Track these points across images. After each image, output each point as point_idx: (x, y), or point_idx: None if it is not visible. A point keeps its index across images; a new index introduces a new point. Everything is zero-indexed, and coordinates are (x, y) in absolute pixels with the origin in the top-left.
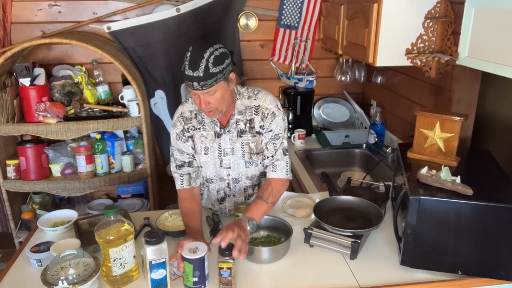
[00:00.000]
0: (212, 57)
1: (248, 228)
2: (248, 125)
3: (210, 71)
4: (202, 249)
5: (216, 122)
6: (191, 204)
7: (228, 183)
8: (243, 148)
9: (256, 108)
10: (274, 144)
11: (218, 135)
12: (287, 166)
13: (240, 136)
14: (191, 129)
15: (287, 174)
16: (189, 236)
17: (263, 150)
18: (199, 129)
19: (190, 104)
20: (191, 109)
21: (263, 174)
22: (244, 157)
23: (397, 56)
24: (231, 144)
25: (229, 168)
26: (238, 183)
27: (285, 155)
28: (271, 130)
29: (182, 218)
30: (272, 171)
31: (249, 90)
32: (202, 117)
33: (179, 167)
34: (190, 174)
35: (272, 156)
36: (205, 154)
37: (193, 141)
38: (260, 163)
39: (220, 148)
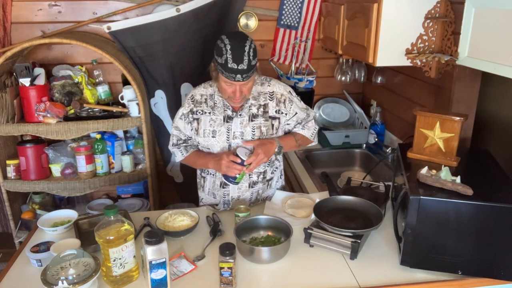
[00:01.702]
0: (251, 50)
1: (276, 150)
2: (261, 109)
3: (251, 63)
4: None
5: (228, 106)
6: (196, 152)
7: None
8: (254, 131)
9: (271, 94)
10: (307, 115)
11: (228, 119)
12: (315, 129)
13: (252, 120)
14: (199, 113)
15: (312, 136)
16: (214, 157)
17: (295, 126)
18: (209, 113)
19: (202, 88)
20: (202, 93)
21: (269, 162)
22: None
23: (397, 56)
24: (241, 127)
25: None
26: None
27: (315, 121)
28: (296, 114)
29: (196, 161)
30: (301, 128)
31: (262, 77)
32: (215, 102)
33: (175, 144)
34: (186, 145)
35: (305, 119)
36: (213, 137)
37: (198, 123)
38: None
39: (229, 132)
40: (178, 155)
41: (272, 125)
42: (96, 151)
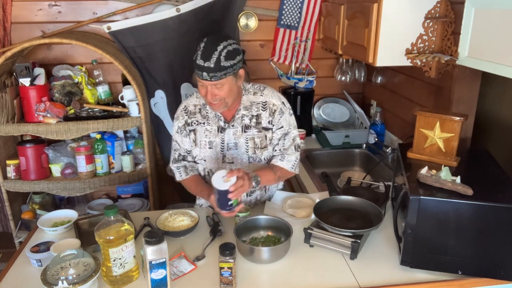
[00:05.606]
0: (225, 51)
1: (253, 183)
2: (254, 120)
3: (221, 64)
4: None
5: (220, 117)
6: (194, 178)
7: None
8: (247, 143)
9: (263, 104)
10: (285, 140)
11: (221, 130)
12: (295, 161)
13: (245, 131)
14: (194, 123)
15: (293, 168)
16: (208, 194)
17: (276, 145)
18: (203, 123)
19: (195, 98)
20: (196, 103)
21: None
22: (247, 152)
23: (397, 56)
24: (234, 139)
25: (232, 163)
26: None
27: (297, 151)
28: (282, 127)
29: (193, 190)
30: (279, 160)
31: (255, 86)
32: (207, 112)
33: (176, 161)
34: (186, 166)
35: (285, 149)
36: (210, 148)
37: (195, 135)
38: (264, 158)
39: (223, 143)
40: (177, 175)
41: (266, 136)
42: (96, 151)
